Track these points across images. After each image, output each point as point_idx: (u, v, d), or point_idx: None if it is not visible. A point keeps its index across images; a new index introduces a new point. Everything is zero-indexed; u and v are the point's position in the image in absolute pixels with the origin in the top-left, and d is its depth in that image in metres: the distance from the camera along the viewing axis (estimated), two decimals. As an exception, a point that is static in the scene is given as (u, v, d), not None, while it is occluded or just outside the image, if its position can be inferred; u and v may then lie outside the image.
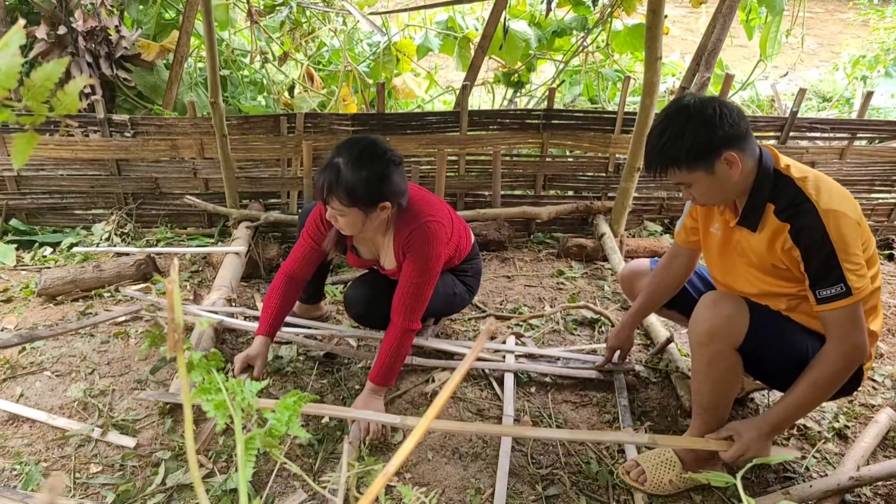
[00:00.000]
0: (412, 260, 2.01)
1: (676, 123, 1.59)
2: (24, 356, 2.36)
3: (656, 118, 1.72)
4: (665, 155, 1.62)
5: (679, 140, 1.58)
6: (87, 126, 3.23)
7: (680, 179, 1.66)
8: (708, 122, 1.56)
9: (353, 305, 2.27)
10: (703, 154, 1.58)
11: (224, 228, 3.39)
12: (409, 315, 2.02)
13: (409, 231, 2.00)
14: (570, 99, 4.98)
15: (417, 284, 2.00)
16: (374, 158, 1.86)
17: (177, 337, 0.62)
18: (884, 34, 6.84)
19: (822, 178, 1.65)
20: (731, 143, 1.57)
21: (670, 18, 4.33)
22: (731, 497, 1.84)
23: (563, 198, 3.54)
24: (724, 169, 1.59)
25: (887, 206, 3.56)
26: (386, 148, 1.91)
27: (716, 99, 1.62)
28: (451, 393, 0.57)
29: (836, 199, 1.57)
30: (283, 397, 0.93)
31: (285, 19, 4.66)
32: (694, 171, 1.60)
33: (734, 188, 1.66)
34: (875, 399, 2.28)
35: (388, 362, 2.02)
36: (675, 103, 1.64)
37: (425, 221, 2.00)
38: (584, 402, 2.23)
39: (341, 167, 1.83)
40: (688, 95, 1.67)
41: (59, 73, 0.64)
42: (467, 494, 1.83)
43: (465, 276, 2.37)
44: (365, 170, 1.84)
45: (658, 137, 1.62)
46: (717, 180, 1.62)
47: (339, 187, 1.83)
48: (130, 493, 1.80)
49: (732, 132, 1.57)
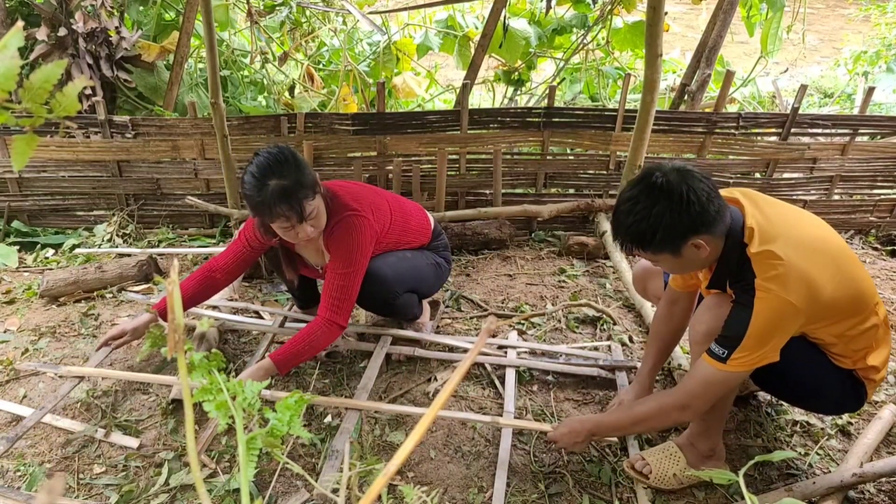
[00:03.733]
0: (335, 253, 2.05)
1: (643, 205, 1.53)
2: (26, 357, 2.37)
3: (624, 189, 1.61)
4: (630, 235, 1.58)
5: (645, 222, 1.53)
6: (89, 127, 3.23)
7: (646, 258, 1.65)
8: (675, 208, 1.50)
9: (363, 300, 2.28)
10: (669, 241, 1.54)
11: (225, 229, 3.40)
12: (337, 309, 2.02)
13: (332, 225, 2.04)
14: (570, 97, 4.97)
15: (343, 275, 2.02)
16: (289, 157, 1.93)
17: (177, 338, 0.62)
18: (885, 30, 6.82)
19: (792, 258, 1.51)
20: (698, 228, 1.52)
21: (671, 15, 4.33)
22: (734, 494, 1.83)
23: (564, 196, 3.54)
24: (691, 251, 1.56)
25: (889, 201, 3.55)
26: (283, 148, 1.96)
27: (686, 178, 1.52)
28: (452, 391, 0.57)
29: (790, 286, 1.49)
30: (284, 397, 0.93)
31: (285, 19, 4.66)
32: (660, 255, 1.59)
33: (702, 264, 1.65)
34: (878, 396, 2.28)
35: (296, 349, 1.98)
36: (645, 179, 1.56)
37: (346, 215, 2.05)
38: (586, 400, 2.23)
39: (282, 183, 1.86)
40: (657, 172, 1.55)
41: (58, 74, 0.64)
42: (469, 493, 1.83)
43: (440, 251, 2.46)
44: (293, 166, 1.90)
45: (625, 216, 1.57)
46: (683, 261, 1.60)
47: (298, 190, 1.87)
48: (134, 493, 1.80)
49: (700, 218, 1.51)
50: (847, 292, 1.58)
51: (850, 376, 1.71)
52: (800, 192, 3.53)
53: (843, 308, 1.59)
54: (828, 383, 1.71)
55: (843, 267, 1.59)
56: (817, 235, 1.62)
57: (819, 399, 1.79)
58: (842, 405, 1.79)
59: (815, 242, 1.58)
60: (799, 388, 1.78)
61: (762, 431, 2.08)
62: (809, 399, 1.81)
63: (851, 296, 1.59)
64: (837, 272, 1.56)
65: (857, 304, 1.61)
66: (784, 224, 1.59)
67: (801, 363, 1.67)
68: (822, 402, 1.80)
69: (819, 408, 1.88)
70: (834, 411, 1.93)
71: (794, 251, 1.53)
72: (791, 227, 1.59)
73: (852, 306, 1.60)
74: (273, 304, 2.77)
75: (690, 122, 3.37)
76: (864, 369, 1.69)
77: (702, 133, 3.36)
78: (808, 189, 3.53)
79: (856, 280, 1.62)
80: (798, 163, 3.46)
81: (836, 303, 1.56)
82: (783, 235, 1.56)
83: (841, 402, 1.77)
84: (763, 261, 1.53)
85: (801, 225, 1.62)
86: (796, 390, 1.80)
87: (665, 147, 3.42)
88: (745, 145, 3.40)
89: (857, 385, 1.72)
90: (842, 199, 3.63)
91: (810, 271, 1.51)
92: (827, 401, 1.78)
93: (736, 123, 3.34)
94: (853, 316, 1.61)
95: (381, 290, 2.19)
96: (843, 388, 1.72)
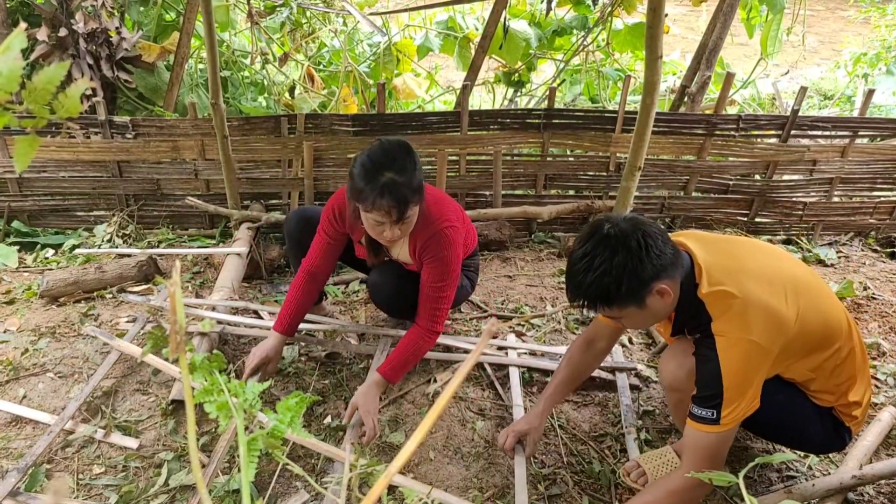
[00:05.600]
0: (431, 265, 2.06)
1: (601, 259, 1.46)
2: (26, 357, 2.37)
3: (573, 248, 1.54)
4: (594, 292, 1.48)
5: (607, 276, 1.45)
6: (89, 128, 3.23)
7: (609, 315, 1.58)
8: (636, 255, 1.44)
9: (380, 291, 2.29)
10: (633, 293, 1.46)
11: (225, 229, 3.40)
12: (432, 317, 2.08)
13: (427, 236, 2.03)
14: (570, 98, 4.97)
15: (439, 288, 2.06)
16: (408, 154, 1.88)
17: (179, 339, 0.62)
18: (885, 32, 6.83)
19: (746, 292, 1.46)
20: (659, 274, 1.46)
21: (671, 17, 4.33)
22: (733, 496, 1.84)
23: (563, 197, 3.54)
24: (655, 300, 1.49)
25: (889, 203, 3.55)
26: (403, 143, 1.92)
27: (638, 224, 1.48)
28: (453, 394, 0.57)
29: (749, 324, 1.44)
30: (285, 398, 0.93)
31: (285, 20, 4.66)
32: (625, 309, 1.51)
33: (665, 313, 1.57)
34: (878, 398, 2.28)
35: (402, 358, 2.06)
36: (597, 233, 1.49)
37: (442, 228, 2.03)
38: (585, 402, 2.23)
39: (395, 179, 1.81)
40: (606, 224, 1.49)
41: (61, 76, 0.64)
42: (469, 494, 1.83)
43: (468, 272, 2.43)
44: (410, 166, 1.85)
45: (584, 273, 1.48)
46: (648, 312, 1.52)
47: (407, 191, 1.83)
48: (133, 493, 1.80)
49: (660, 263, 1.45)
50: (815, 320, 1.52)
51: (829, 416, 1.66)
52: (799, 194, 3.53)
53: (813, 339, 1.53)
54: (809, 425, 1.67)
55: (805, 295, 1.53)
56: (771, 266, 1.56)
57: (802, 441, 1.75)
58: (826, 446, 1.75)
59: (769, 273, 1.52)
60: (781, 432, 1.74)
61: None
62: (792, 441, 1.77)
63: (819, 323, 1.53)
64: (798, 301, 1.50)
65: (828, 332, 1.55)
66: (734, 258, 1.54)
67: (779, 406, 1.62)
68: (806, 443, 1.77)
69: (805, 448, 1.84)
70: (819, 451, 1.87)
71: (747, 285, 1.47)
72: (742, 260, 1.54)
73: (822, 334, 1.54)
74: (273, 304, 2.77)
75: (690, 123, 3.38)
76: (845, 405, 1.64)
77: (702, 135, 3.36)
78: (808, 191, 3.53)
79: (822, 307, 1.55)
80: (798, 165, 3.47)
81: (804, 333, 1.50)
82: (734, 270, 1.50)
83: (825, 443, 1.73)
84: (715, 301, 1.48)
85: (753, 257, 1.57)
86: (778, 433, 1.76)
87: (665, 149, 3.42)
88: (744, 147, 3.41)
89: (838, 425, 1.68)
90: (841, 201, 3.63)
91: (769, 302, 1.46)
92: (810, 442, 1.75)
93: (736, 125, 3.35)
94: (826, 346, 1.55)
95: (399, 301, 2.27)
96: (824, 429, 1.67)
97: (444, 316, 2.11)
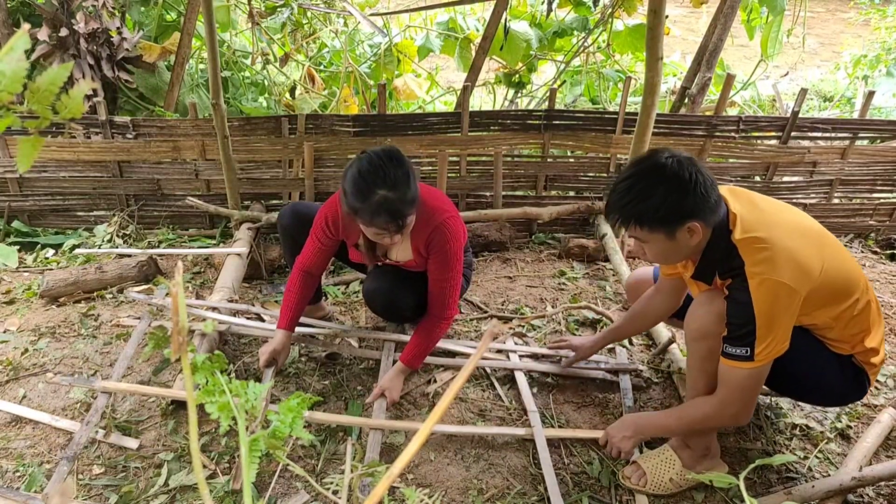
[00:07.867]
0: (437, 260, 2.09)
1: (647, 182, 1.54)
2: (26, 358, 2.37)
3: (626, 167, 1.63)
4: (628, 211, 1.57)
5: (647, 200, 1.53)
6: (89, 128, 3.23)
7: (637, 236, 1.63)
8: (681, 188, 1.51)
9: (376, 298, 2.30)
10: (668, 220, 1.54)
11: (226, 230, 3.40)
12: (444, 305, 2.14)
13: (429, 231, 2.05)
14: (571, 99, 4.97)
15: (446, 279, 2.12)
16: (399, 166, 1.85)
17: (181, 339, 0.62)
18: (885, 34, 6.83)
19: (776, 239, 1.54)
20: (697, 213, 1.53)
21: (671, 18, 4.34)
22: (733, 497, 1.84)
23: (564, 198, 3.54)
24: (684, 235, 1.57)
25: (889, 205, 3.56)
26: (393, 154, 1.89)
27: (694, 163, 1.55)
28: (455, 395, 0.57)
29: (780, 267, 1.51)
30: (285, 399, 0.93)
31: (286, 21, 4.66)
32: (654, 233, 1.58)
33: (688, 253, 1.65)
34: (877, 399, 2.28)
35: (419, 345, 2.15)
36: (652, 160, 1.57)
37: (443, 220, 2.05)
38: (586, 403, 2.23)
39: (388, 196, 1.80)
40: (665, 153, 1.57)
41: (64, 77, 0.64)
42: (470, 495, 1.83)
43: (464, 269, 2.43)
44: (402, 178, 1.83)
45: (625, 192, 1.57)
46: (674, 245, 1.59)
47: (403, 206, 1.82)
48: (133, 494, 1.80)
49: (703, 202, 1.53)
50: (837, 272, 1.61)
51: (849, 363, 1.71)
52: (800, 196, 3.53)
53: (836, 288, 1.61)
54: (828, 372, 1.72)
55: (829, 248, 1.63)
56: (799, 221, 1.65)
57: (821, 390, 1.79)
58: (845, 395, 1.80)
59: (798, 227, 1.62)
60: (800, 381, 1.77)
61: (761, 435, 2.08)
62: (812, 392, 1.81)
63: (842, 276, 1.62)
64: (824, 253, 1.59)
65: (848, 284, 1.64)
66: (766, 212, 1.63)
67: (799, 354, 1.67)
68: (824, 393, 1.80)
69: (823, 400, 1.88)
70: (838, 402, 1.93)
71: (778, 235, 1.55)
72: (773, 214, 1.63)
73: (844, 286, 1.63)
74: (273, 305, 2.77)
75: (691, 125, 3.38)
76: (862, 353, 1.70)
77: (702, 136, 3.36)
78: (808, 192, 3.53)
79: (843, 260, 1.65)
80: (798, 166, 3.47)
81: (827, 282, 1.58)
82: (766, 222, 1.59)
83: (844, 393, 1.78)
84: (749, 245, 1.55)
85: (783, 213, 1.66)
86: (798, 384, 1.79)
87: (665, 150, 3.42)
88: (745, 149, 3.41)
89: (858, 372, 1.72)
90: (841, 202, 3.63)
91: (799, 250, 1.54)
92: (830, 392, 1.78)
93: (736, 127, 3.35)
94: (846, 297, 1.63)
95: (394, 309, 2.31)
96: (843, 376, 1.72)
97: (456, 300, 2.18)
